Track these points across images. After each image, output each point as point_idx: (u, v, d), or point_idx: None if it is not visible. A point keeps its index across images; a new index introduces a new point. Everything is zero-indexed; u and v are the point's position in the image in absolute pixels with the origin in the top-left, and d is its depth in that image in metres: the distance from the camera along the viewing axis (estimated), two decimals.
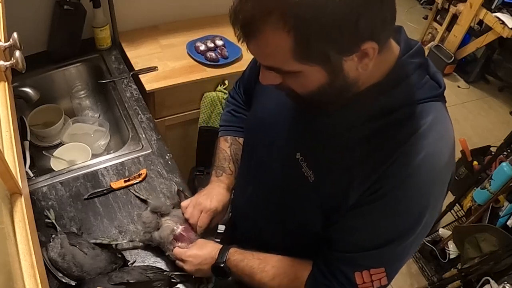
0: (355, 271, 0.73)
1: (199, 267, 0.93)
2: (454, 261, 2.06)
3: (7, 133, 0.75)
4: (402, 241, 0.69)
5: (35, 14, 1.47)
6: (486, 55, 3.40)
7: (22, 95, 1.29)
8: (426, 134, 0.65)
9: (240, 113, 1.09)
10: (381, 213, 0.68)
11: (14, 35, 0.85)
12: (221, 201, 1.01)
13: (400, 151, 0.64)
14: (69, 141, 1.40)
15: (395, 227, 0.68)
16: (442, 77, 0.70)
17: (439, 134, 0.66)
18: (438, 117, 0.68)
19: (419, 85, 0.66)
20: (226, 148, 1.06)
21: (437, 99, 0.69)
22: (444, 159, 0.66)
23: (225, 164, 1.05)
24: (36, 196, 1.11)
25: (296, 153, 0.77)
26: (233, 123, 1.09)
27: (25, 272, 0.60)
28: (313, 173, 0.74)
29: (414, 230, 0.68)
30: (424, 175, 0.65)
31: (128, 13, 1.67)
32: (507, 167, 1.75)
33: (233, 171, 1.05)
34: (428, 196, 0.67)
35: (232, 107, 1.10)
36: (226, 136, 1.08)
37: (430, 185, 0.66)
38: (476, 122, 3.28)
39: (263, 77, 0.67)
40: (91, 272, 0.92)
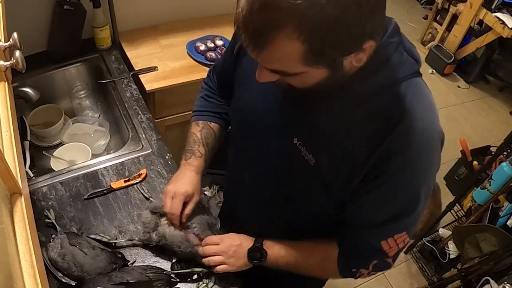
0: (381, 241, 0.79)
1: (237, 248, 0.94)
2: (454, 261, 2.06)
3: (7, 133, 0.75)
4: (414, 207, 0.75)
5: (35, 14, 1.47)
6: (486, 55, 3.40)
7: (22, 95, 1.29)
8: (415, 109, 0.69)
9: (213, 99, 1.09)
10: (391, 189, 0.73)
11: (14, 35, 0.85)
12: (190, 183, 1.00)
13: (395, 130, 0.68)
14: (69, 141, 1.40)
15: (407, 197, 0.74)
16: (417, 51, 0.74)
17: (426, 107, 0.72)
18: (422, 91, 0.72)
19: (400, 64, 0.70)
20: (197, 132, 1.06)
21: (417, 74, 0.73)
22: (436, 128, 0.73)
23: (194, 147, 1.04)
24: (36, 196, 1.11)
25: (293, 139, 0.79)
26: (205, 108, 1.09)
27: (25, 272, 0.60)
28: (313, 156, 0.77)
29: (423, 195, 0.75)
30: (423, 147, 0.70)
31: (128, 13, 1.67)
32: (507, 167, 1.74)
33: (202, 153, 1.04)
34: (428, 165, 0.73)
35: (206, 92, 1.10)
36: (197, 120, 1.08)
37: (429, 154, 0.72)
38: (476, 122, 3.28)
39: (261, 76, 0.68)
40: (91, 272, 0.92)
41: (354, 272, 0.87)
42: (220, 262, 0.94)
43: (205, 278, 0.99)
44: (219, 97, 1.09)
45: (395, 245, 0.80)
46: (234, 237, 0.97)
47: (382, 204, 0.76)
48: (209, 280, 0.99)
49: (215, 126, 1.07)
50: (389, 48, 0.69)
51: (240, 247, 0.94)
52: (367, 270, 0.86)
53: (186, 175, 1.01)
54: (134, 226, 1.07)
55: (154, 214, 1.01)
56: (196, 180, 1.01)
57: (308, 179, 0.80)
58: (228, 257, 0.94)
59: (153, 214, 1.01)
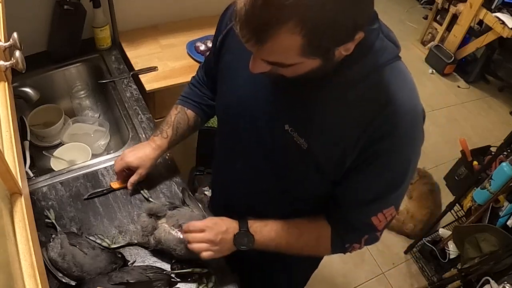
0: (371, 217, 0.84)
1: (223, 235, 0.91)
2: (454, 261, 2.06)
3: (7, 133, 0.75)
4: (402, 182, 0.81)
5: (35, 14, 1.47)
6: (486, 55, 3.40)
7: (22, 95, 1.29)
8: (399, 92, 0.74)
9: (196, 88, 1.12)
10: (381, 168, 0.77)
11: (14, 35, 0.85)
12: (139, 157, 1.09)
13: (383, 113, 0.72)
14: (69, 141, 1.40)
15: (395, 175, 0.79)
16: (394, 35, 0.78)
17: (408, 90, 0.76)
18: (403, 74, 0.77)
19: (382, 50, 0.74)
20: (173, 115, 1.11)
21: (398, 58, 0.77)
22: (419, 107, 0.77)
23: (165, 128, 1.10)
24: (36, 196, 1.11)
25: (285, 125, 0.80)
26: (188, 95, 1.13)
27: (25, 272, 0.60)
28: (305, 141, 0.79)
29: (410, 170, 0.81)
30: (408, 128, 0.75)
31: (128, 13, 1.67)
32: (507, 167, 1.74)
33: (168, 135, 1.10)
34: (414, 142, 0.78)
35: (193, 81, 1.15)
36: (177, 105, 1.13)
37: (414, 133, 0.77)
38: (476, 122, 3.28)
39: (255, 67, 0.70)
40: (91, 272, 0.92)
41: (347, 247, 0.91)
42: (205, 249, 0.92)
43: (205, 278, 0.99)
44: (203, 88, 1.11)
45: (384, 219, 0.85)
46: (219, 223, 0.94)
47: (372, 182, 0.80)
48: (209, 280, 0.99)
49: (190, 114, 1.11)
50: (371, 35, 0.72)
51: (226, 233, 0.92)
52: (359, 244, 0.91)
53: (142, 149, 1.09)
54: (134, 226, 1.07)
55: (151, 217, 1.01)
56: (148, 156, 1.09)
57: (302, 164, 0.82)
58: (214, 245, 0.92)
59: (150, 217, 1.01)
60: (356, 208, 0.85)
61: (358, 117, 0.74)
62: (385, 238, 2.40)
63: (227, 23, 0.89)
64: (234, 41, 0.87)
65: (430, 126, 3.15)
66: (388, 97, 0.72)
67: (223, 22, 0.91)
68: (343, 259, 2.26)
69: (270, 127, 0.84)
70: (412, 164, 0.80)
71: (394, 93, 0.73)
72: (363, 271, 2.23)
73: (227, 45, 0.90)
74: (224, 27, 0.90)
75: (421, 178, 2.56)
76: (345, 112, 0.75)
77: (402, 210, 2.47)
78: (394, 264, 2.29)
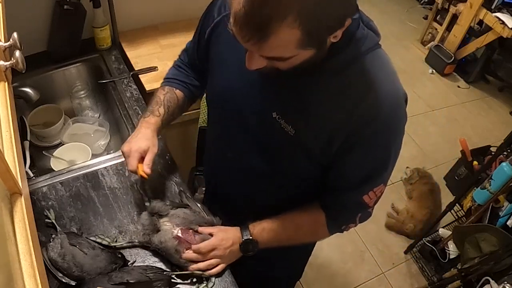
0: (362, 196, 0.88)
1: (231, 248, 0.98)
2: (454, 261, 2.06)
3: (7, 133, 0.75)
4: (389, 160, 0.85)
5: (35, 14, 1.47)
6: (486, 55, 3.40)
7: (22, 95, 1.30)
8: (380, 78, 0.77)
9: (183, 69, 1.13)
10: (368, 151, 0.81)
11: (14, 35, 0.85)
12: (143, 139, 1.02)
13: (367, 99, 0.75)
14: (69, 141, 1.40)
15: (382, 155, 0.83)
16: (374, 23, 0.81)
17: (389, 73, 0.80)
18: (384, 61, 0.80)
19: (364, 38, 0.77)
20: (161, 95, 1.09)
21: (378, 46, 0.80)
22: (400, 91, 0.80)
23: (155, 107, 1.07)
24: (36, 196, 1.11)
25: (272, 113, 0.83)
26: (174, 76, 1.13)
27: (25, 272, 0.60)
28: (292, 127, 0.82)
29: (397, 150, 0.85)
30: (391, 111, 0.78)
31: (128, 13, 1.67)
32: (507, 167, 1.74)
33: (161, 114, 1.07)
34: (397, 124, 0.81)
35: (178, 63, 1.15)
36: (164, 86, 1.12)
37: (397, 115, 0.80)
38: (476, 122, 3.28)
39: (251, 63, 0.72)
40: (91, 272, 0.92)
41: (343, 228, 0.97)
42: (217, 264, 0.99)
43: (205, 279, 0.99)
44: (189, 69, 1.13)
45: (374, 196, 0.89)
46: (226, 238, 0.99)
47: (361, 165, 0.84)
48: (209, 280, 0.99)
49: (179, 94, 1.11)
50: (353, 25, 0.73)
51: (233, 246, 0.99)
52: (354, 223, 0.96)
53: (140, 133, 1.04)
54: (134, 226, 1.07)
55: (153, 216, 1.01)
56: (149, 135, 1.04)
57: (290, 150, 0.85)
58: (224, 258, 0.99)
59: (151, 216, 1.01)
60: (347, 191, 0.89)
61: (343, 104, 0.77)
62: (385, 238, 2.40)
63: (214, 16, 0.91)
64: (223, 34, 0.90)
65: (430, 126, 3.16)
66: (371, 84, 0.76)
67: (210, 15, 0.93)
68: (343, 259, 2.26)
69: (258, 115, 0.87)
70: (396, 144, 0.84)
71: (376, 79, 0.76)
72: (363, 271, 2.23)
73: (215, 37, 0.92)
74: (212, 20, 0.92)
75: (421, 178, 2.56)
76: (330, 99, 0.78)
77: (402, 210, 2.48)
78: (394, 264, 2.29)
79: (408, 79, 3.51)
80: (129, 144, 1.01)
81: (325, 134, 0.80)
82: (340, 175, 0.87)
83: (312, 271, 2.16)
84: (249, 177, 0.98)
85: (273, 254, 1.03)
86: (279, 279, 1.35)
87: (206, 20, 0.95)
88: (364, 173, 0.85)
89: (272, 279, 1.31)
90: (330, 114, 0.78)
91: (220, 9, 0.91)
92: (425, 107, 3.31)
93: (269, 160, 0.92)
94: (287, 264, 1.28)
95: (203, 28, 0.96)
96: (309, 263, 1.42)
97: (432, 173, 2.62)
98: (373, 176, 0.86)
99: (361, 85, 0.76)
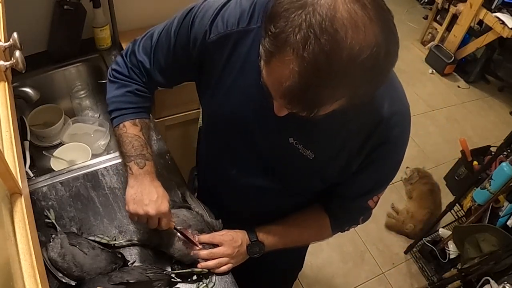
0: (367, 200, 0.93)
1: (239, 248, 0.99)
2: (454, 261, 2.06)
3: (7, 133, 0.75)
4: (395, 173, 0.90)
5: (35, 14, 1.47)
6: (486, 55, 3.40)
7: (22, 95, 1.29)
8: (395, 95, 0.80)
9: (144, 92, 0.98)
10: (379, 167, 0.85)
11: (14, 35, 0.85)
12: (162, 196, 0.92)
13: (382, 121, 0.77)
14: (69, 141, 1.40)
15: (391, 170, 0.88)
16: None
17: (400, 90, 0.81)
18: (393, 76, 0.80)
19: None
20: (139, 133, 0.95)
21: None
22: (407, 106, 0.82)
23: (144, 151, 0.94)
24: (36, 196, 1.11)
25: (289, 138, 0.82)
26: (139, 103, 0.97)
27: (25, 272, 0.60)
28: (312, 152, 0.82)
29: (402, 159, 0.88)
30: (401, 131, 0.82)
31: (128, 13, 1.67)
32: (507, 167, 1.74)
33: (151, 154, 0.96)
34: (405, 142, 0.85)
35: (134, 86, 0.96)
36: (133, 119, 0.96)
37: (405, 134, 0.84)
38: (476, 122, 3.28)
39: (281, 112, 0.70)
40: (91, 272, 0.92)
41: (346, 229, 1.02)
42: (226, 263, 0.99)
43: (205, 278, 0.99)
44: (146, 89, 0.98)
45: (377, 199, 0.94)
46: (235, 237, 1.00)
47: (372, 178, 0.88)
48: (209, 280, 0.99)
49: (148, 122, 1.00)
50: None
51: (241, 246, 0.99)
52: (357, 224, 1.00)
53: (153, 187, 0.93)
54: (134, 226, 1.07)
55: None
56: (160, 186, 0.95)
57: (308, 172, 0.87)
58: (232, 258, 0.99)
59: None
60: (354, 199, 0.92)
61: (360, 127, 0.79)
62: (385, 238, 2.40)
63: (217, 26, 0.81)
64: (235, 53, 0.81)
65: (430, 126, 3.15)
66: (386, 104, 0.77)
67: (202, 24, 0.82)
68: (343, 259, 2.26)
69: (273, 139, 0.85)
70: (403, 157, 0.88)
71: (390, 99, 0.78)
72: (363, 271, 2.23)
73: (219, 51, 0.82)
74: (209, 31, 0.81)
75: (421, 178, 2.56)
76: (348, 123, 0.78)
77: (402, 210, 2.48)
78: (394, 264, 2.29)
79: (408, 79, 3.51)
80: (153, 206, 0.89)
81: (343, 157, 0.82)
82: (350, 187, 0.90)
83: (312, 271, 2.16)
84: (254, 193, 0.97)
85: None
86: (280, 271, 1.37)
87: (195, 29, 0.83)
88: (372, 185, 0.90)
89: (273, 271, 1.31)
90: (347, 137, 0.80)
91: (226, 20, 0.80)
92: (425, 107, 3.31)
93: (281, 180, 0.92)
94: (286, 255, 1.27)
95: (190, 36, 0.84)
96: (309, 263, 1.42)
97: (432, 173, 2.62)
98: (379, 186, 0.91)
99: (375, 107, 0.77)
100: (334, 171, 0.85)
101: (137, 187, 0.91)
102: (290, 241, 1.02)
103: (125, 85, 0.96)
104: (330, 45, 0.53)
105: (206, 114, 1.02)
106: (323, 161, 0.84)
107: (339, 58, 0.54)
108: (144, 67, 0.95)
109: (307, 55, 0.54)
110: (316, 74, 0.55)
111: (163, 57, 0.92)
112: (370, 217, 1.01)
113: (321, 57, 0.53)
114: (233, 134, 0.90)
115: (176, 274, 0.97)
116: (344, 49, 0.53)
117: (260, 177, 0.94)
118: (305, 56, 0.54)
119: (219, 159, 1.02)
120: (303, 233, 1.03)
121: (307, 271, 1.47)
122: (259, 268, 1.26)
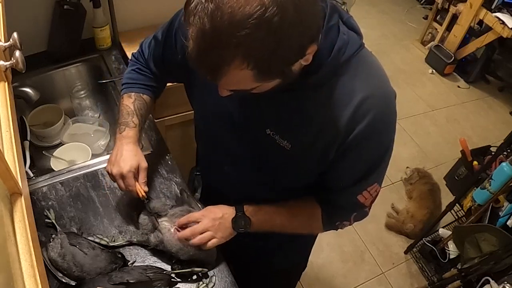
0: (357, 195, 0.89)
1: (221, 220, 0.96)
2: (454, 261, 2.06)
3: (7, 133, 0.75)
4: (381, 160, 0.86)
5: (35, 14, 1.47)
6: (486, 55, 3.40)
7: (22, 95, 1.29)
8: (370, 81, 0.78)
9: (145, 72, 1.09)
10: (361, 153, 0.82)
11: (14, 35, 0.85)
12: (131, 157, 1.00)
13: (359, 105, 0.76)
14: (69, 141, 1.40)
15: (374, 156, 0.84)
16: (354, 20, 0.79)
17: (378, 74, 0.80)
18: (371, 62, 0.80)
19: (345, 45, 0.75)
20: (130, 104, 1.05)
21: (362, 47, 0.78)
22: (390, 90, 0.80)
23: (128, 119, 1.04)
24: (36, 196, 1.11)
25: (266, 130, 0.84)
26: (138, 80, 1.09)
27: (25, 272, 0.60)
28: (288, 142, 0.83)
29: (388, 148, 0.86)
30: (382, 113, 0.79)
31: (128, 13, 1.67)
32: (507, 167, 1.74)
33: (136, 124, 1.04)
34: (388, 124, 0.82)
35: (137, 65, 1.10)
36: (130, 92, 1.07)
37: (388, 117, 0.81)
38: (476, 122, 3.28)
39: (222, 92, 0.74)
40: (91, 272, 0.92)
41: (337, 225, 0.98)
42: (210, 237, 0.96)
43: (204, 278, 0.99)
44: (150, 70, 1.09)
45: (369, 196, 0.90)
46: (215, 210, 0.99)
47: (355, 167, 0.85)
48: (208, 280, 0.99)
49: (147, 98, 1.09)
50: (332, 33, 0.73)
51: (223, 219, 0.97)
52: (349, 222, 0.97)
53: (124, 150, 1.00)
54: (134, 226, 1.07)
55: (152, 215, 1.01)
56: (134, 150, 1.02)
57: (288, 162, 0.87)
58: (215, 231, 0.96)
59: (150, 216, 1.01)
60: (342, 191, 0.90)
61: (334, 113, 0.77)
62: (385, 238, 2.40)
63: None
64: None
65: (430, 126, 3.16)
66: (359, 89, 0.76)
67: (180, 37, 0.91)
68: (343, 259, 2.26)
69: (252, 132, 0.87)
70: (388, 143, 0.85)
71: (365, 82, 0.77)
72: (363, 271, 2.24)
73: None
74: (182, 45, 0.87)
75: (421, 178, 2.56)
76: (320, 110, 0.78)
77: (402, 210, 2.48)
78: (394, 264, 2.29)
79: (408, 79, 3.52)
80: (117, 165, 0.98)
81: (320, 145, 0.81)
82: (334, 177, 0.89)
83: (312, 271, 2.16)
84: (248, 187, 0.98)
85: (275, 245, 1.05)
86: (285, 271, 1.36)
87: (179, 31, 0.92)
88: (357, 175, 0.87)
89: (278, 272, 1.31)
90: (322, 125, 0.79)
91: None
92: (425, 107, 3.31)
93: (267, 173, 0.93)
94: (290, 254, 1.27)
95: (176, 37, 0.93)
96: (309, 263, 1.42)
97: (432, 173, 2.62)
98: (366, 177, 0.87)
99: (351, 91, 0.76)
100: (313, 160, 0.84)
101: (114, 150, 1.02)
102: (278, 224, 0.99)
103: (132, 64, 1.11)
104: (212, 8, 0.57)
105: (194, 114, 1.07)
106: (300, 150, 0.83)
107: (221, 19, 0.57)
108: (144, 58, 1.09)
109: (197, 20, 0.59)
110: (204, 37, 0.59)
111: (157, 54, 1.04)
112: (365, 216, 0.97)
113: (205, 20, 0.58)
114: (220, 130, 0.94)
115: (176, 274, 0.98)
116: (225, 11, 0.57)
117: (250, 172, 0.95)
118: (195, 21, 0.59)
119: (212, 156, 1.07)
120: (292, 219, 0.99)
121: (307, 271, 1.47)
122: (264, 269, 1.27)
